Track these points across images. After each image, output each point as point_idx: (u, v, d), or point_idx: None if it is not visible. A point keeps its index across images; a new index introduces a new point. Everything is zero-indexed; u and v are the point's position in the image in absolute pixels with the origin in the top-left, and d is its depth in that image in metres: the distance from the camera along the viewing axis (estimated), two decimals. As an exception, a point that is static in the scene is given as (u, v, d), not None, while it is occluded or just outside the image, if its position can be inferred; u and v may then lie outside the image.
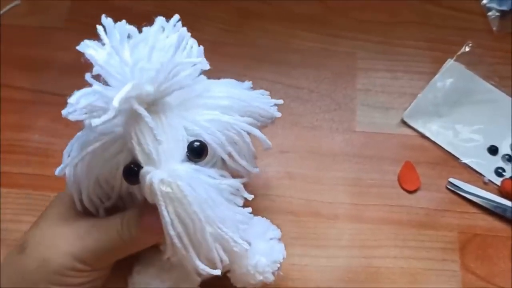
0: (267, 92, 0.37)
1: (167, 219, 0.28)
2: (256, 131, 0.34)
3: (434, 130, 0.49)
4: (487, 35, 0.53)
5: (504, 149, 0.48)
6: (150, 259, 0.35)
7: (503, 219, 0.45)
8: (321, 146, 0.48)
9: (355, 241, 0.44)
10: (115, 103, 0.26)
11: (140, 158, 0.29)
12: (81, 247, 0.31)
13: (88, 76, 0.29)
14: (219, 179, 0.31)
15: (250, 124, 0.33)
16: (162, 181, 0.28)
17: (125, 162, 0.30)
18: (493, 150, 0.48)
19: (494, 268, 0.43)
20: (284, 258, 0.37)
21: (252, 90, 0.36)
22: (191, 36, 0.31)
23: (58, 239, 0.32)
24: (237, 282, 0.37)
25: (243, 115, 0.33)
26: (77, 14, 0.55)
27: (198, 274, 0.32)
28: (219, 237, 0.30)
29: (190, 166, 0.29)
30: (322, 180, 0.47)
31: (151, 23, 0.31)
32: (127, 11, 0.55)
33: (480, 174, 0.47)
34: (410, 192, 0.46)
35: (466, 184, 0.46)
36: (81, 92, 0.28)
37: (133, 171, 0.29)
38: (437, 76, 0.51)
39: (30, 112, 0.50)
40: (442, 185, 0.47)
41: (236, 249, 0.31)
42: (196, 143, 0.30)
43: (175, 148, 0.29)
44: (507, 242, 0.44)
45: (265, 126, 0.35)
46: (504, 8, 0.53)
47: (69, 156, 0.33)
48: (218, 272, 0.30)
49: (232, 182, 0.32)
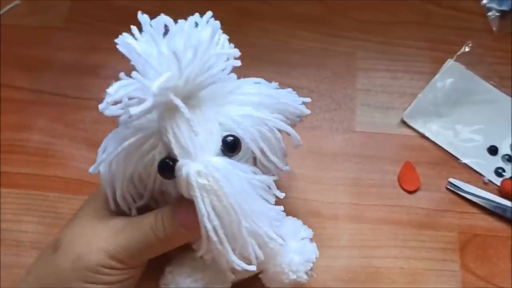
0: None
1: (203, 211, 0.28)
2: (288, 128, 0.34)
3: (434, 130, 0.49)
4: (487, 35, 0.53)
5: (504, 149, 0.48)
6: (182, 259, 0.35)
7: (503, 219, 0.45)
8: (321, 146, 0.48)
9: (355, 241, 0.44)
10: (154, 88, 0.27)
11: (176, 151, 0.29)
12: (116, 245, 0.31)
13: (122, 74, 0.29)
14: (252, 175, 0.31)
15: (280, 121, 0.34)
16: (198, 173, 0.28)
17: (160, 157, 0.31)
18: (493, 150, 0.48)
19: (494, 268, 0.43)
20: (316, 258, 0.36)
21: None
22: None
23: (92, 237, 0.32)
24: (270, 282, 0.37)
25: (273, 112, 0.33)
26: (77, 14, 0.55)
27: (232, 271, 0.32)
28: (254, 232, 0.30)
29: (225, 159, 0.29)
30: (322, 180, 0.47)
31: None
32: (127, 11, 0.55)
33: (480, 174, 0.47)
34: (410, 192, 0.46)
35: (466, 184, 0.46)
36: (119, 83, 0.29)
37: (168, 165, 0.29)
38: (437, 76, 0.51)
39: (30, 112, 0.50)
40: (442, 185, 0.47)
41: (271, 245, 0.31)
42: (229, 138, 0.30)
43: (210, 141, 0.30)
44: (507, 242, 0.44)
45: (294, 124, 0.35)
46: (504, 8, 0.53)
47: (103, 153, 0.33)
48: (253, 268, 0.30)
49: (264, 178, 0.32)
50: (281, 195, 0.32)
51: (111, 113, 0.29)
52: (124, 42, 0.29)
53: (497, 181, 0.46)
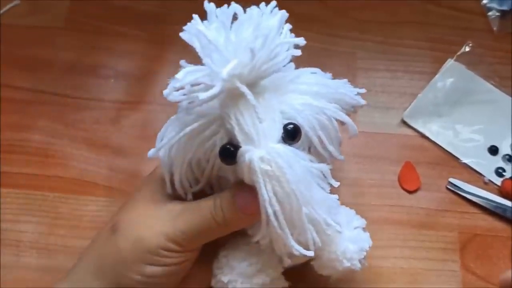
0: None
1: (265, 196, 0.29)
2: (346, 117, 0.34)
3: (434, 130, 0.49)
4: (487, 35, 0.53)
5: (504, 149, 0.48)
6: (236, 244, 0.35)
7: (503, 219, 0.45)
8: (321, 146, 0.48)
9: (355, 241, 0.44)
10: (224, 74, 0.27)
11: (239, 137, 0.30)
12: (175, 228, 0.32)
13: (183, 62, 0.30)
14: (310, 163, 0.32)
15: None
16: (261, 159, 0.28)
17: (221, 143, 0.31)
18: (493, 150, 0.48)
19: (494, 268, 0.43)
20: (370, 247, 0.36)
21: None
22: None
23: (151, 219, 0.33)
24: (323, 269, 0.37)
25: (330, 102, 0.34)
26: (77, 14, 0.55)
27: (289, 256, 0.33)
28: (313, 218, 0.30)
29: (288, 147, 0.30)
30: (322, 180, 0.47)
31: (151, 23, 0.32)
32: (127, 11, 0.55)
33: (480, 174, 0.47)
34: (410, 192, 0.46)
35: (466, 184, 0.46)
36: (186, 69, 0.29)
37: (229, 151, 0.30)
38: (437, 76, 0.51)
39: (30, 112, 0.50)
40: (442, 185, 0.46)
41: (329, 232, 0.31)
42: (290, 126, 0.31)
43: (272, 129, 0.30)
44: (507, 242, 0.44)
45: (348, 114, 0.35)
46: (504, 8, 0.53)
47: (162, 139, 0.33)
48: (311, 253, 0.31)
49: (322, 166, 0.32)
50: (336, 184, 0.33)
51: (174, 99, 0.30)
52: (195, 28, 0.29)
53: (498, 181, 0.46)
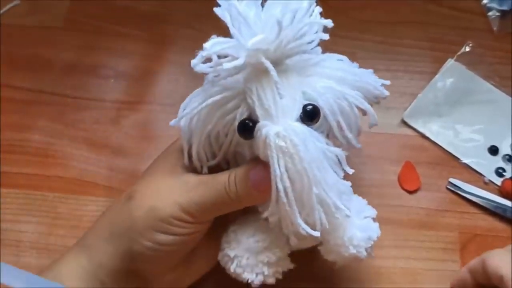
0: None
1: (277, 172, 0.29)
2: (367, 105, 0.35)
3: (434, 130, 0.49)
4: (488, 35, 0.53)
5: (504, 149, 0.48)
6: (246, 220, 0.36)
7: (503, 219, 0.45)
8: (321, 146, 0.48)
9: (355, 241, 0.44)
10: (249, 44, 0.28)
11: (258, 112, 0.30)
12: (189, 199, 0.33)
13: (213, 36, 0.30)
14: (326, 146, 0.32)
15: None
16: (277, 135, 0.29)
17: (241, 117, 0.32)
18: (493, 150, 0.48)
19: (494, 268, 0.43)
20: (378, 237, 0.36)
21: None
22: (191, 36, 0.32)
23: (166, 189, 0.34)
24: (329, 254, 0.37)
25: (353, 89, 0.34)
26: (76, 14, 0.55)
27: (296, 235, 0.33)
28: (322, 200, 0.30)
29: (305, 126, 0.30)
30: (322, 180, 0.47)
31: (151, 23, 0.32)
32: (127, 11, 0.55)
33: (481, 174, 0.47)
34: (410, 192, 0.46)
35: (467, 184, 0.46)
36: (214, 40, 0.30)
37: (248, 126, 0.31)
38: (437, 76, 0.51)
39: (30, 112, 0.50)
40: (442, 185, 0.46)
41: (337, 215, 0.31)
42: (309, 106, 0.31)
43: (292, 107, 0.30)
44: (508, 242, 0.44)
45: (370, 105, 0.36)
46: (505, 8, 0.53)
47: (185, 109, 0.34)
48: (317, 233, 0.31)
49: (337, 151, 0.33)
50: (350, 171, 0.33)
51: (201, 70, 0.30)
52: (227, 3, 0.30)
53: (498, 181, 0.46)
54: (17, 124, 0.49)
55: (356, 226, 0.35)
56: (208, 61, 0.30)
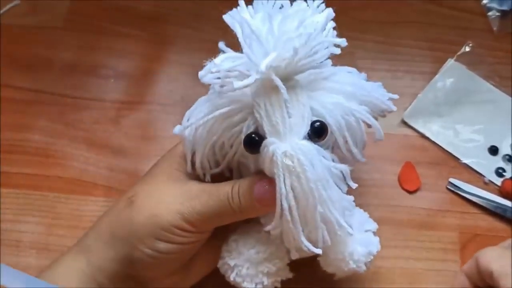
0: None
1: (283, 191, 0.29)
2: (374, 121, 0.34)
3: (434, 130, 0.49)
4: (488, 35, 0.53)
5: (504, 149, 0.48)
6: (247, 230, 0.36)
7: (503, 220, 0.45)
8: (321, 146, 0.48)
9: (355, 241, 0.44)
10: (263, 67, 0.28)
11: (266, 128, 0.30)
12: (191, 208, 0.32)
13: (222, 44, 0.30)
14: (332, 162, 0.32)
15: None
16: (285, 153, 0.29)
17: (247, 131, 0.31)
18: (493, 150, 0.48)
19: (494, 268, 0.43)
20: (378, 252, 0.37)
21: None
22: (191, 36, 0.32)
23: (168, 197, 0.33)
24: (328, 266, 0.37)
25: (361, 104, 0.34)
26: (76, 14, 0.55)
27: (297, 249, 0.33)
28: (326, 218, 0.30)
29: (312, 144, 0.30)
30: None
31: (151, 23, 0.32)
32: (127, 11, 0.55)
33: (481, 174, 0.47)
34: (410, 192, 0.46)
35: (467, 184, 0.46)
36: (226, 55, 0.30)
37: (254, 140, 0.30)
38: (437, 76, 0.51)
39: (30, 112, 0.50)
40: (443, 185, 0.46)
41: (339, 233, 0.31)
42: (317, 123, 0.31)
43: (300, 124, 0.30)
44: (508, 242, 0.44)
45: (376, 118, 0.35)
46: (505, 8, 0.53)
47: (188, 119, 0.33)
48: (319, 251, 0.31)
49: (343, 167, 0.32)
50: (354, 185, 0.33)
51: (208, 81, 0.30)
52: (240, 17, 0.30)
53: (498, 181, 0.46)
54: (17, 124, 0.49)
55: (357, 241, 0.35)
56: (217, 72, 0.30)
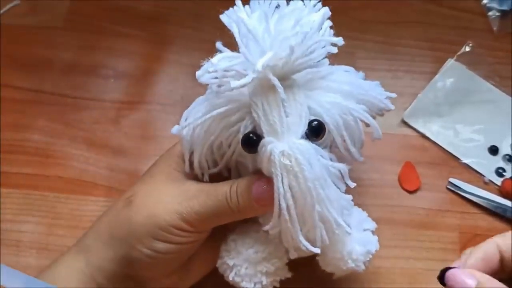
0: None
1: (281, 190, 0.29)
2: (372, 120, 0.34)
3: (434, 130, 0.49)
4: (488, 35, 0.53)
5: (504, 149, 0.48)
6: (246, 230, 0.36)
7: (503, 219, 0.45)
8: (321, 146, 0.48)
9: (355, 241, 0.44)
10: (259, 67, 0.28)
11: (263, 128, 0.30)
12: (189, 208, 0.33)
13: (219, 44, 0.30)
14: (330, 162, 0.32)
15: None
16: (282, 153, 0.29)
17: (245, 130, 0.31)
18: (493, 150, 0.48)
19: (494, 268, 0.43)
20: (376, 251, 0.37)
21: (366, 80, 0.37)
22: (191, 36, 0.32)
23: (167, 197, 0.33)
24: (327, 266, 0.37)
25: (359, 103, 0.34)
26: (76, 14, 0.55)
27: (296, 249, 0.33)
28: (324, 217, 0.30)
29: (310, 143, 0.30)
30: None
31: (151, 23, 0.31)
32: (127, 11, 0.55)
33: (481, 174, 0.47)
34: (410, 192, 0.46)
35: (467, 184, 0.46)
36: (222, 54, 0.30)
37: (252, 140, 0.31)
38: (437, 76, 0.51)
39: (30, 112, 0.50)
40: (443, 185, 0.46)
41: (338, 232, 0.31)
42: (315, 122, 0.31)
43: (297, 123, 0.30)
44: (508, 242, 0.44)
45: (374, 117, 0.35)
46: (505, 8, 0.53)
47: (186, 119, 0.33)
48: (317, 250, 0.31)
49: (341, 166, 0.32)
50: (352, 184, 0.33)
51: (205, 81, 0.30)
52: (236, 16, 0.30)
53: (498, 181, 0.46)
54: (17, 124, 0.49)
55: (356, 240, 0.35)
56: (214, 71, 0.30)
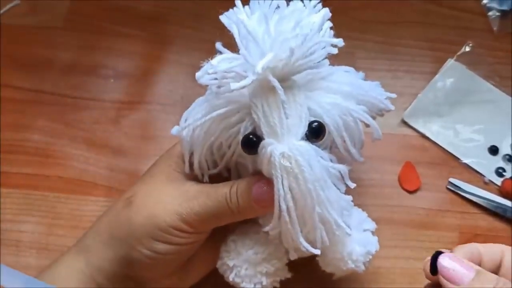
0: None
1: (281, 192, 0.29)
2: (372, 121, 0.34)
3: (434, 130, 0.49)
4: (488, 35, 0.53)
5: (504, 149, 0.48)
6: (246, 231, 0.36)
7: (503, 219, 0.45)
8: (321, 146, 0.48)
9: (355, 241, 0.44)
10: (259, 69, 0.28)
11: (263, 129, 0.30)
12: (189, 209, 0.33)
13: (219, 45, 0.30)
14: (330, 163, 0.32)
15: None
16: (282, 155, 0.29)
17: (245, 131, 0.31)
18: (493, 150, 0.48)
19: (494, 268, 0.43)
20: (376, 251, 0.37)
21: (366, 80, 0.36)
22: (191, 36, 0.32)
23: (167, 197, 0.34)
24: (327, 266, 0.37)
25: (359, 104, 0.34)
26: (76, 14, 0.55)
27: (296, 250, 0.33)
28: (324, 218, 0.30)
29: (310, 145, 0.30)
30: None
31: (151, 23, 0.31)
32: (127, 11, 0.55)
33: (481, 174, 0.47)
34: (410, 192, 0.46)
35: (467, 184, 0.46)
36: (222, 56, 0.29)
37: (252, 141, 0.30)
38: (437, 76, 0.51)
39: (30, 112, 0.50)
40: (443, 185, 0.46)
41: (338, 233, 0.31)
42: (315, 124, 0.31)
43: (297, 125, 0.30)
44: (508, 242, 0.44)
45: (373, 117, 0.35)
46: (505, 8, 0.53)
47: (185, 120, 0.33)
48: (317, 251, 0.31)
49: (341, 167, 0.32)
50: (352, 185, 0.33)
51: (205, 82, 0.30)
52: (236, 17, 0.30)
53: (498, 181, 0.46)
54: (17, 124, 0.49)
55: (356, 241, 0.36)
56: (214, 73, 0.30)
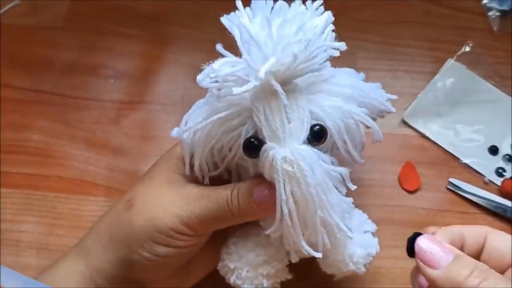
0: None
1: (283, 196, 0.29)
2: (373, 123, 0.34)
3: (434, 130, 0.49)
4: (488, 35, 0.53)
5: (504, 149, 0.48)
6: (247, 233, 0.36)
7: (503, 219, 0.45)
8: (321, 146, 0.48)
9: (355, 241, 0.44)
10: (261, 74, 0.27)
11: (265, 133, 0.30)
12: (189, 212, 0.32)
13: (220, 47, 0.30)
14: (332, 166, 0.32)
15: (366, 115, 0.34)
16: (284, 159, 0.29)
17: (246, 135, 0.31)
18: (493, 150, 0.48)
19: (494, 268, 0.43)
20: (377, 253, 0.37)
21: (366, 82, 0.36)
22: (191, 36, 0.31)
23: (167, 200, 0.33)
24: (327, 268, 0.37)
25: (360, 106, 0.34)
26: (76, 14, 0.55)
27: (297, 252, 0.33)
28: (326, 221, 0.30)
29: (312, 149, 0.30)
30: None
31: (151, 23, 0.31)
32: (127, 11, 0.55)
33: (481, 174, 0.47)
34: (411, 192, 0.46)
35: (467, 184, 0.46)
36: (224, 60, 0.29)
37: (253, 145, 0.30)
38: (437, 76, 0.51)
39: (30, 112, 0.50)
40: (443, 185, 0.46)
41: (339, 236, 0.31)
42: (317, 127, 0.31)
43: (299, 129, 0.30)
44: (508, 242, 0.44)
45: (374, 119, 0.35)
46: (505, 8, 0.53)
47: (186, 123, 0.33)
48: (319, 255, 0.31)
49: (342, 170, 0.32)
50: (353, 187, 0.33)
51: (206, 85, 0.30)
52: (238, 21, 0.30)
53: (498, 181, 0.46)
54: (17, 124, 0.49)
55: (356, 243, 0.35)
56: (215, 76, 0.29)
